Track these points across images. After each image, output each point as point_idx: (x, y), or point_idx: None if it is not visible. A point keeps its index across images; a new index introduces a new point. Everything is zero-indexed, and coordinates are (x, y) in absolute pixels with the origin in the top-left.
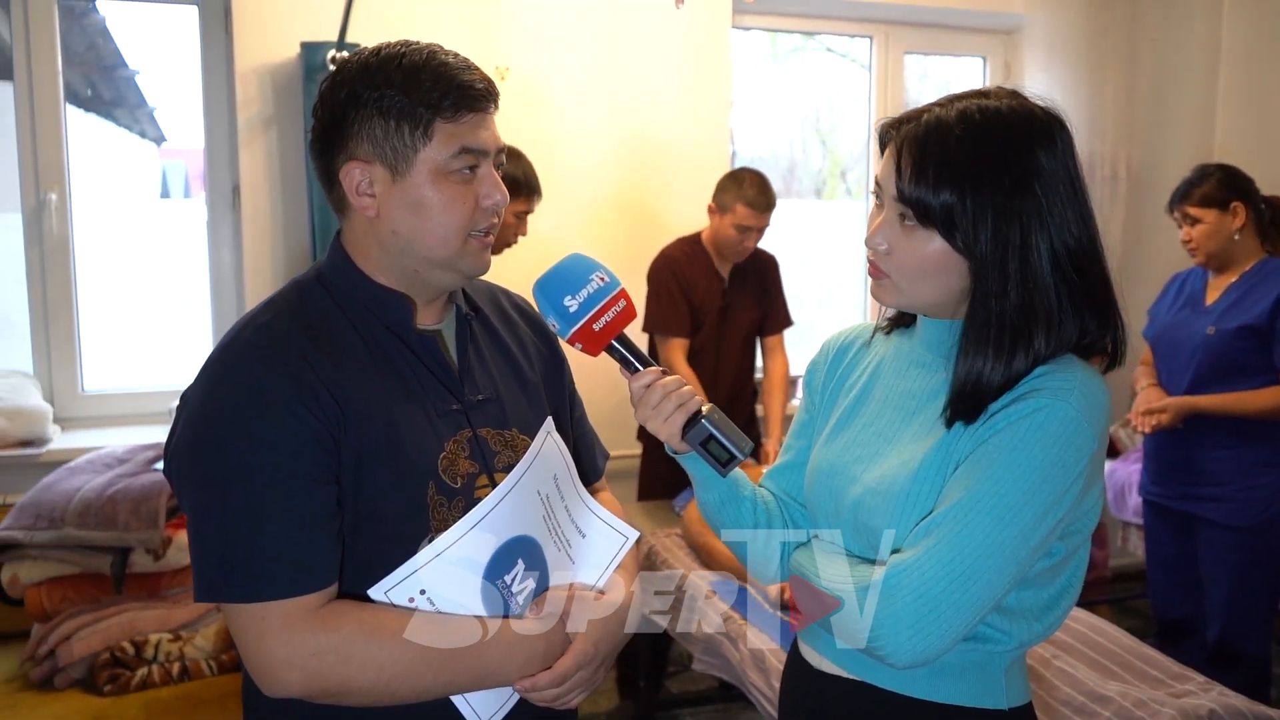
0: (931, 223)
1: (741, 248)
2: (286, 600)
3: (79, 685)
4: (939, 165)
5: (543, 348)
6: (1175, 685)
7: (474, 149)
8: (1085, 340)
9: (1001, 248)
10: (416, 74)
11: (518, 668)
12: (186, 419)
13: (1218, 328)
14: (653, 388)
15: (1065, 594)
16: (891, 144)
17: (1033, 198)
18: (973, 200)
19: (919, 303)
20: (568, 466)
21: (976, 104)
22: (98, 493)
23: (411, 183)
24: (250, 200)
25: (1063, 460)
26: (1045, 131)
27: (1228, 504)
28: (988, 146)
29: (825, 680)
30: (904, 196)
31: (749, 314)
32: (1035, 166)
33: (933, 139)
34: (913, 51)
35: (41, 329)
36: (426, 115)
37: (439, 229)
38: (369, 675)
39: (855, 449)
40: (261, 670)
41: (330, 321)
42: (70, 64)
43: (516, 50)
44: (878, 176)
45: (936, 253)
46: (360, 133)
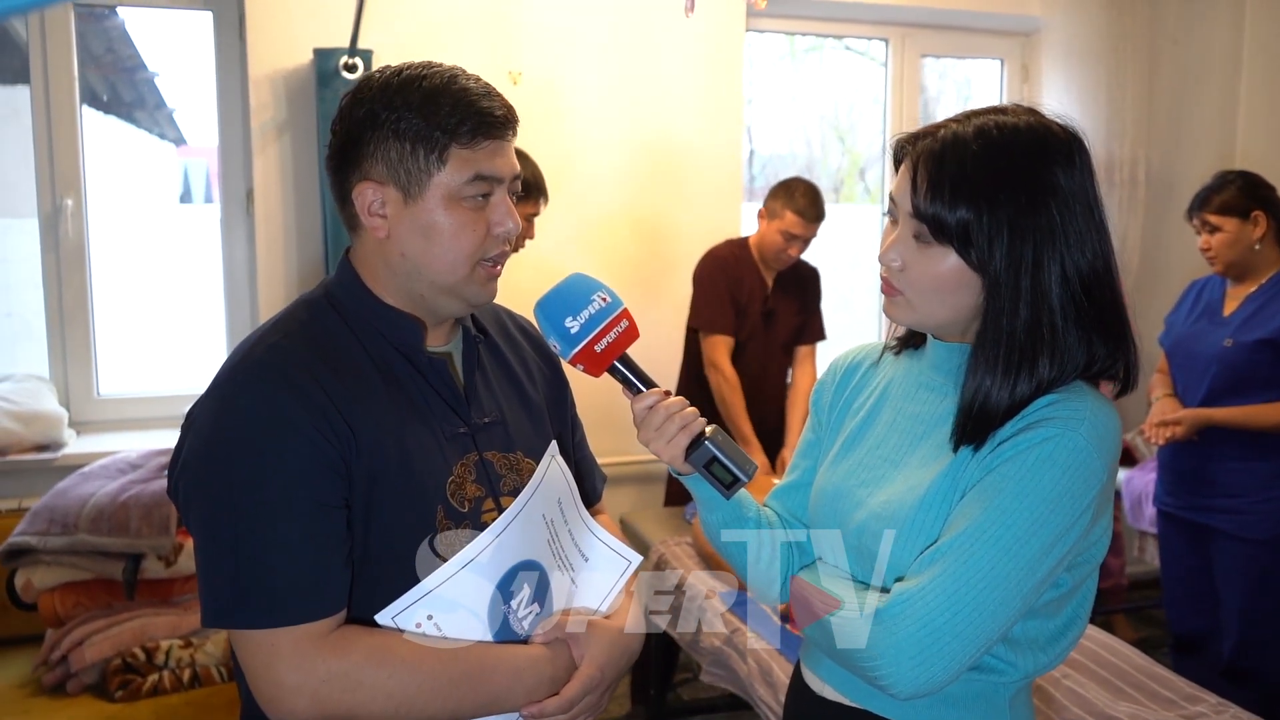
0: (946, 239)
1: (786, 255)
2: (297, 626)
3: (91, 691)
4: (955, 181)
5: (546, 370)
6: (1187, 707)
7: (489, 176)
8: (1094, 367)
9: (1015, 265)
10: (436, 98)
11: (526, 693)
12: (195, 438)
13: (1235, 340)
14: (655, 409)
15: (1072, 625)
16: (907, 159)
17: (1048, 216)
18: (989, 217)
19: (932, 321)
20: (571, 491)
21: (994, 120)
22: (110, 499)
23: (423, 207)
24: (264, 205)
25: (1071, 491)
26: (1064, 150)
27: (1242, 516)
28: (1005, 163)
29: (827, 706)
30: (919, 213)
31: (791, 320)
32: (1052, 185)
33: (950, 155)
34: (930, 54)
35: (57, 333)
36: (443, 140)
37: (448, 254)
38: (378, 703)
39: (861, 472)
40: (269, 696)
41: (339, 342)
42: (90, 66)
43: (529, 55)
44: (892, 193)
45: (951, 270)
46: (376, 153)
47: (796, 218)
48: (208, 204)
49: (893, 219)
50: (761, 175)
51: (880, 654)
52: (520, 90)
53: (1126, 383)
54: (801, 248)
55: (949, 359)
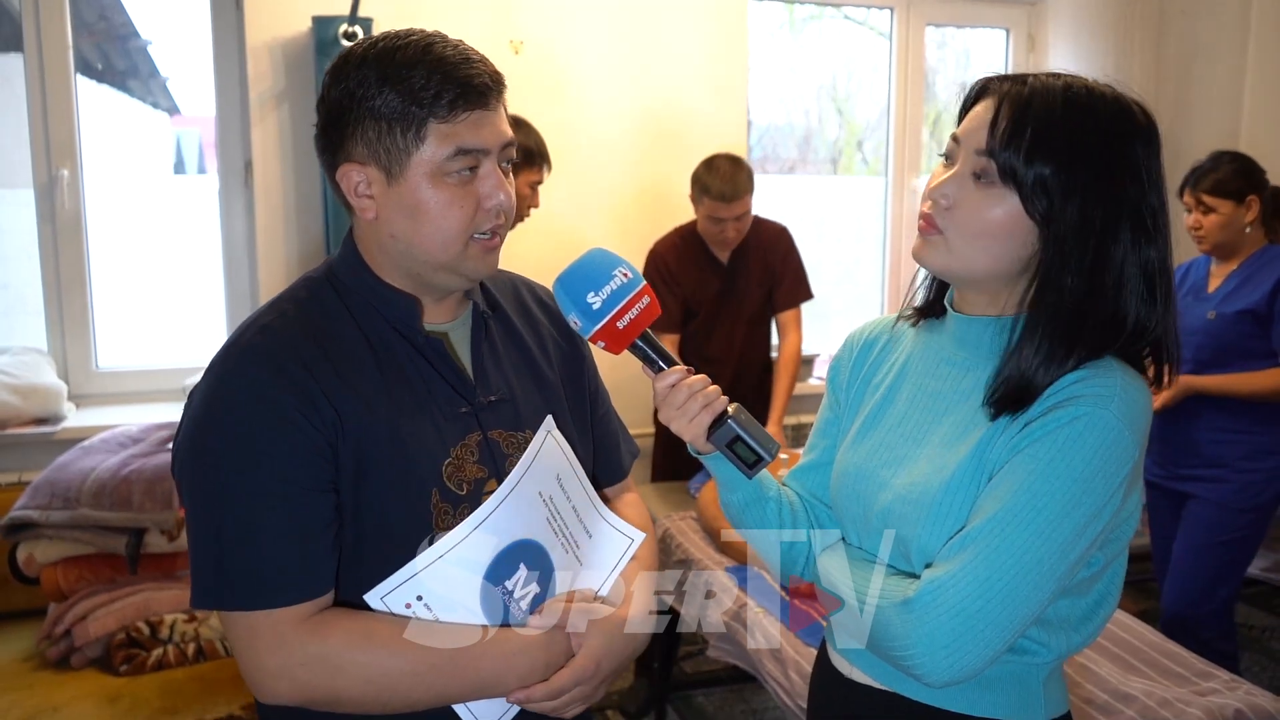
0: (1013, 183)
1: (725, 238)
2: (276, 610)
3: (95, 665)
4: (1039, 130)
5: (563, 343)
6: (1200, 683)
7: (472, 149)
8: (1133, 347)
9: (1086, 226)
10: (409, 70)
11: (518, 678)
12: (188, 420)
13: (1218, 312)
14: (678, 387)
15: (1104, 602)
16: (989, 98)
17: (1123, 188)
18: (1068, 175)
19: (968, 268)
20: (572, 466)
21: (1083, 83)
22: (112, 473)
23: (407, 186)
24: (262, 176)
25: (1104, 470)
26: (1146, 131)
27: (1221, 484)
28: (1091, 126)
29: (855, 689)
30: (993, 151)
31: (753, 293)
32: (1134, 161)
33: (1038, 102)
34: (934, 23)
35: (55, 306)
36: (419, 115)
37: (437, 233)
38: (359, 686)
39: (883, 452)
40: (253, 679)
41: (336, 323)
42: (82, 34)
43: (531, 23)
44: (956, 133)
45: (1005, 215)
46: (355, 134)
47: (715, 202)
48: (201, 175)
49: (949, 160)
50: (759, 146)
51: (913, 643)
52: (522, 59)
53: (1160, 378)
54: (737, 226)
55: (973, 333)
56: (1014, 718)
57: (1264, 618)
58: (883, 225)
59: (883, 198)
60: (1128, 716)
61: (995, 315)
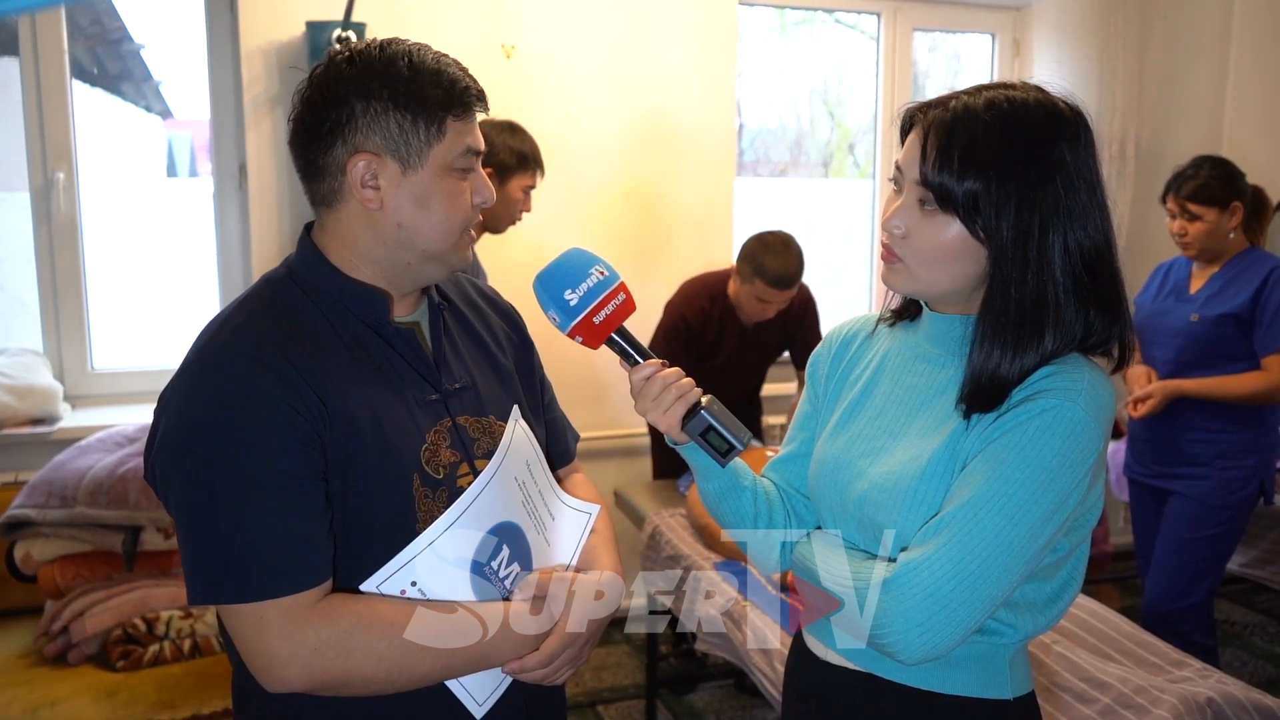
0: (952, 208)
1: (763, 315)
2: (285, 598)
3: (92, 661)
4: (965, 151)
5: (512, 334)
6: (1174, 671)
7: (474, 149)
8: (1091, 340)
9: (1023, 236)
10: (426, 73)
11: (512, 649)
12: (169, 420)
13: (1201, 315)
14: (652, 380)
15: (1068, 587)
16: (917, 128)
17: (1054, 190)
18: (997, 188)
19: (931, 289)
20: (536, 453)
21: (1004, 94)
22: (109, 471)
23: (421, 177)
24: (257, 179)
25: (1070, 460)
26: (1070, 127)
27: (1202, 482)
28: (1015, 136)
29: (830, 670)
30: (927, 181)
31: (769, 349)
32: (1059, 159)
33: (960, 125)
34: (921, 28)
35: (51, 307)
36: (440, 113)
37: (444, 223)
38: (369, 666)
39: (860, 443)
40: (262, 667)
41: (305, 318)
42: (77, 39)
43: (523, 28)
44: (898, 161)
45: (954, 239)
46: (372, 125)
47: (769, 287)
48: (193, 178)
49: (898, 187)
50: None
51: (888, 622)
52: (513, 64)
53: (1121, 358)
54: (781, 305)
55: (946, 331)
56: (982, 695)
57: (1245, 614)
58: (870, 228)
59: (870, 200)
60: (1103, 703)
61: (967, 314)
